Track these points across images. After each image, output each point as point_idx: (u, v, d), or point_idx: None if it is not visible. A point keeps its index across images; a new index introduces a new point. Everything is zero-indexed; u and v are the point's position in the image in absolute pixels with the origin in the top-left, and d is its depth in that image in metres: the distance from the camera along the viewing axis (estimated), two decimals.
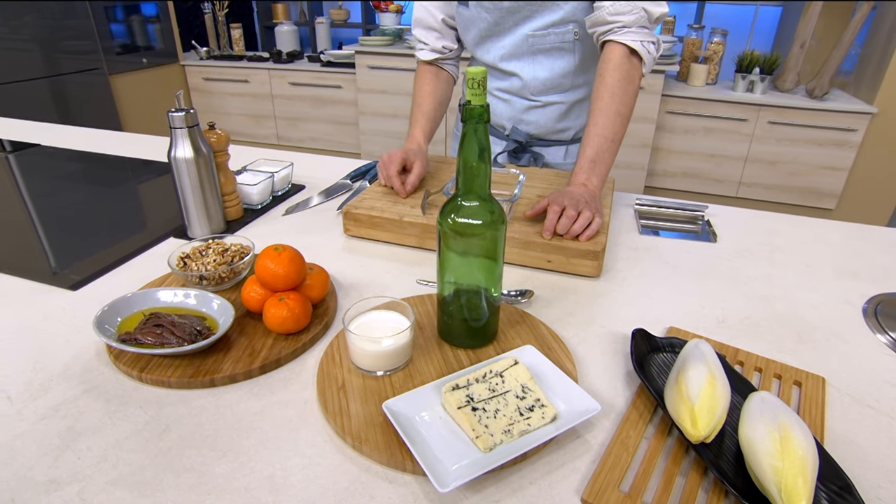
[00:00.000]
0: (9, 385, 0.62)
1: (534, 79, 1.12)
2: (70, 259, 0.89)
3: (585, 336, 0.73)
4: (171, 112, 0.86)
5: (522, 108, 1.17)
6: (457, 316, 0.65)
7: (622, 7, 0.94)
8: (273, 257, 0.66)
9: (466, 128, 0.55)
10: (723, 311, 0.79)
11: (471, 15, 1.09)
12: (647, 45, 0.96)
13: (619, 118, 0.95)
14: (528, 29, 1.06)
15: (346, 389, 0.59)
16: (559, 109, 1.16)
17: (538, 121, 1.17)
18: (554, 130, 1.19)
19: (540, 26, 1.05)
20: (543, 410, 0.56)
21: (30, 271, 0.85)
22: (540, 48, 1.08)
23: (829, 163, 2.70)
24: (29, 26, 2.72)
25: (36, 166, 1.33)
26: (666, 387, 0.59)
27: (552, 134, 1.20)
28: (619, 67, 0.95)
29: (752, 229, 1.04)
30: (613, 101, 0.95)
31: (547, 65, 1.10)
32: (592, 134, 0.94)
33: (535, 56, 1.10)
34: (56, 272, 0.85)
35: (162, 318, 0.67)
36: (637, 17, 0.95)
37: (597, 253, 0.82)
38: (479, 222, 0.59)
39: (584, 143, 0.95)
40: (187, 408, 0.59)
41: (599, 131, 0.94)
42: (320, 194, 1.12)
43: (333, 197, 1.11)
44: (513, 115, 1.19)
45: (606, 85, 0.95)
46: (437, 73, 1.20)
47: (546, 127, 1.18)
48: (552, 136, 1.20)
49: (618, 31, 0.96)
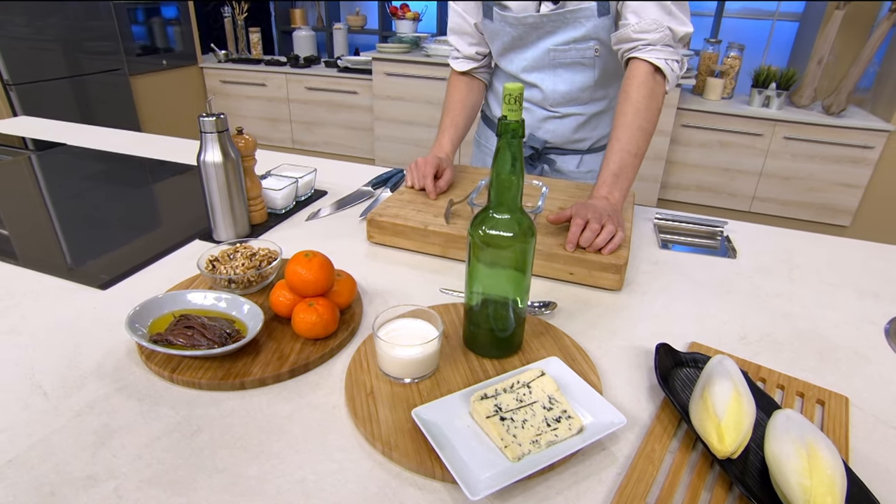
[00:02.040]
0: (45, 380, 0.63)
1: (554, 91, 1.14)
2: (98, 258, 0.91)
3: (608, 349, 0.73)
4: (202, 117, 0.88)
5: (541, 117, 1.19)
6: (483, 326, 0.66)
7: (647, 25, 0.95)
8: (304, 263, 0.67)
9: (501, 142, 0.57)
10: (744, 328, 0.79)
11: (495, 28, 1.12)
12: (670, 63, 0.97)
13: (641, 133, 0.96)
14: (550, 43, 1.08)
15: (375, 396, 0.60)
16: (577, 121, 1.18)
17: (556, 130, 1.19)
18: (571, 140, 1.21)
19: (562, 42, 1.07)
20: (570, 422, 0.57)
21: (60, 269, 0.87)
22: (561, 62, 1.10)
23: (845, 180, 2.69)
24: (53, 27, 2.77)
25: (62, 165, 1.35)
26: (691, 402, 0.60)
27: (569, 143, 1.22)
28: (644, 84, 0.96)
29: (772, 246, 1.04)
30: (637, 116, 0.96)
31: (567, 78, 1.12)
32: (616, 149, 0.95)
33: (555, 69, 1.12)
34: (85, 271, 0.86)
35: (192, 319, 0.68)
36: (661, 36, 0.96)
37: (619, 266, 0.83)
38: (510, 234, 0.60)
39: (608, 156, 0.96)
40: (218, 409, 0.60)
41: (623, 146, 0.95)
42: (342, 200, 1.13)
43: (355, 203, 1.12)
44: (531, 122, 1.21)
45: (631, 101, 0.96)
46: (469, 82, 1.22)
47: (563, 136, 1.20)
48: (568, 145, 1.23)
49: (642, 49, 0.97)
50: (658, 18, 0.95)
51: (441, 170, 1.07)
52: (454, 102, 1.19)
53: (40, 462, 0.53)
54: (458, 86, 1.21)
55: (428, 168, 1.04)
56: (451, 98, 1.20)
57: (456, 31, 1.19)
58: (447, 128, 1.16)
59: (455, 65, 1.22)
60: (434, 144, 1.15)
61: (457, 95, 1.20)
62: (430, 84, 3.18)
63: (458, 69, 1.21)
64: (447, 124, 1.17)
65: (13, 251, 0.93)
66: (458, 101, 1.19)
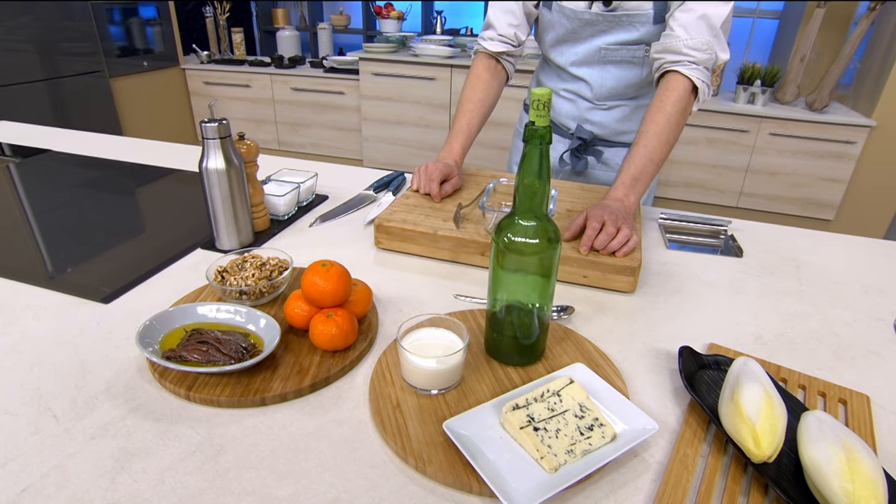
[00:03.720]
0: (53, 402, 0.60)
1: (601, 86, 1.15)
2: (97, 270, 0.88)
3: (628, 352, 0.73)
4: (204, 122, 0.85)
5: (586, 108, 1.20)
6: (507, 333, 0.65)
7: (700, 44, 0.95)
8: (321, 274, 0.65)
9: (528, 148, 0.56)
10: (758, 328, 0.80)
11: (551, 18, 1.12)
12: (704, 84, 0.98)
13: (667, 146, 0.97)
14: (602, 42, 1.09)
15: (402, 408, 0.59)
16: (623, 112, 1.19)
17: (602, 122, 1.20)
18: (617, 132, 1.22)
19: (614, 42, 1.08)
20: (603, 429, 0.56)
21: (59, 283, 0.83)
22: (611, 59, 1.11)
23: (829, 174, 2.75)
24: (26, 27, 2.68)
25: (49, 173, 1.30)
26: (720, 405, 0.60)
27: (615, 136, 1.22)
28: (680, 100, 0.96)
29: (776, 245, 1.05)
30: (667, 129, 0.96)
31: (616, 74, 1.13)
32: (641, 154, 0.95)
33: (605, 66, 1.13)
34: (85, 284, 0.83)
35: (205, 334, 0.66)
36: (708, 58, 0.96)
37: (633, 269, 0.83)
38: (536, 241, 0.59)
39: (630, 160, 0.96)
40: (239, 427, 0.58)
41: (647, 153, 0.95)
42: (346, 205, 1.11)
43: (359, 208, 1.10)
44: (577, 114, 1.21)
45: (665, 112, 0.96)
46: (494, 69, 1.16)
47: (609, 128, 1.21)
48: (615, 137, 1.23)
49: (688, 65, 0.96)
50: (709, 41, 0.95)
51: (449, 176, 1.05)
52: (474, 101, 1.13)
53: (57, 490, 0.50)
54: (483, 77, 1.15)
55: (436, 173, 1.02)
56: (472, 94, 1.14)
57: (502, 7, 1.13)
58: (460, 131, 1.12)
59: (488, 45, 1.15)
60: (444, 147, 1.13)
61: (479, 92, 1.14)
62: (418, 84, 3.16)
63: (490, 49, 1.14)
64: (461, 126, 1.13)
65: (7, 265, 0.89)
66: (477, 101, 1.13)
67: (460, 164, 1.11)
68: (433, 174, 1.02)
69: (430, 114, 3.24)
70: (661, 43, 0.99)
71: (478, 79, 1.15)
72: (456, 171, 1.06)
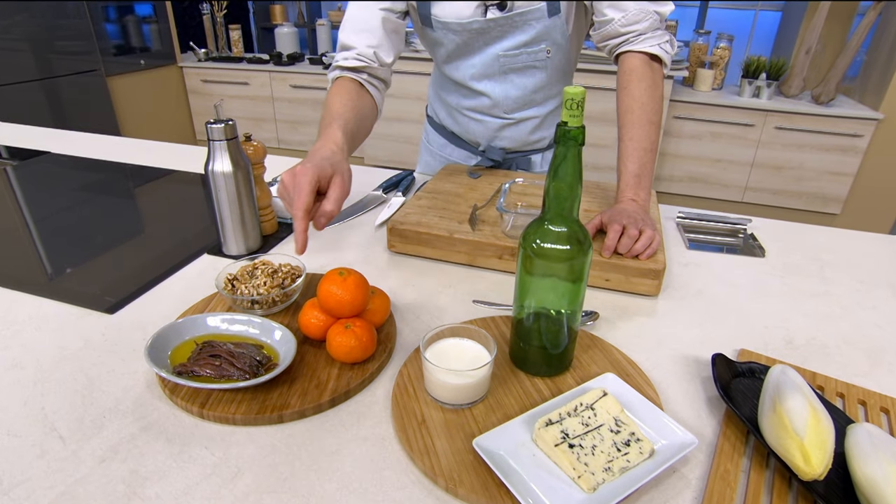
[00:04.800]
0: (59, 422, 0.57)
1: (505, 98, 1.09)
2: (100, 278, 0.85)
3: (657, 359, 0.70)
4: (210, 124, 0.82)
5: (496, 126, 1.14)
6: (534, 343, 0.62)
7: (634, 16, 0.92)
8: (338, 283, 0.62)
9: (560, 150, 0.52)
10: (787, 332, 0.77)
11: (436, 36, 1.03)
12: (664, 47, 0.94)
13: (652, 126, 0.93)
14: (498, 49, 1.02)
15: (428, 425, 0.56)
16: (533, 123, 1.14)
17: (512, 136, 1.15)
18: (528, 143, 1.18)
19: (511, 46, 1.01)
20: (640, 445, 0.53)
21: (60, 292, 0.80)
22: (512, 67, 1.05)
23: (835, 168, 2.72)
24: (21, 26, 2.63)
25: (49, 176, 1.27)
26: (760, 416, 0.57)
27: (527, 146, 1.18)
28: (644, 77, 0.93)
29: (797, 243, 1.02)
30: (644, 111, 0.92)
31: (519, 83, 1.07)
32: (631, 148, 0.92)
33: (506, 75, 1.06)
34: (88, 293, 0.80)
35: (217, 347, 0.63)
36: (651, 23, 0.93)
37: (658, 272, 0.80)
38: (567, 248, 0.56)
39: (624, 157, 0.92)
40: (257, 447, 0.55)
41: (637, 144, 0.92)
42: (355, 207, 1.08)
43: (368, 209, 1.07)
44: (486, 133, 1.16)
45: (633, 96, 0.93)
46: (359, 89, 0.95)
47: (521, 140, 1.17)
48: (527, 147, 1.19)
49: (633, 41, 0.94)
50: (642, 7, 0.92)
51: (324, 181, 0.70)
52: (342, 102, 0.89)
53: None
54: (345, 89, 0.93)
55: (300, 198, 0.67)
56: (337, 99, 0.90)
57: (353, 25, 0.96)
58: (334, 119, 0.84)
59: (343, 62, 0.95)
60: (319, 139, 0.81)
61: (345, 96, 0.91)
62: (419, 80, 3.12)
63: (347, 65, 0.95)
64: (334, 116, 0.85)
65: (6, 273, 0.86)
66: (345, 103, 0.89)
67: (346, 150, 0.80)
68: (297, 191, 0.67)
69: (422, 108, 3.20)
70: (598, 32, 0.97)
71: (340, 88, 0.93)
72: (336, 168, 0.71)
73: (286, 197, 0.71)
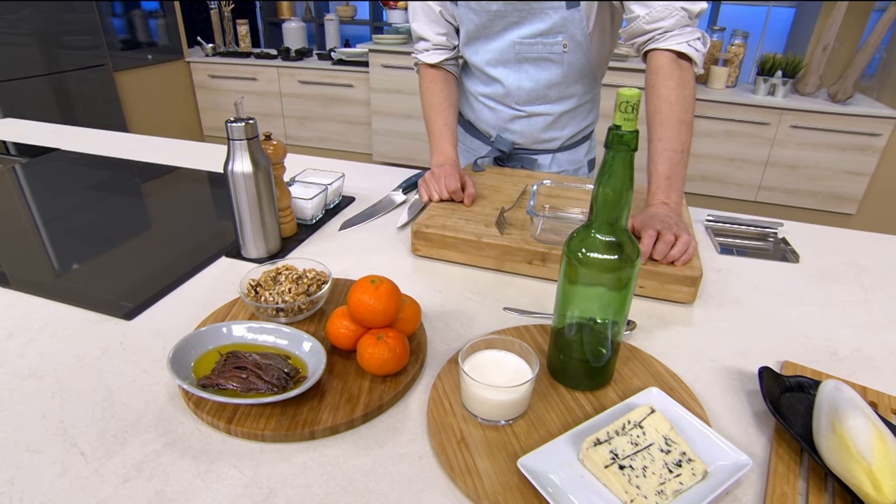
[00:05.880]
0: (79, 437, 0.55)
1: (518, 88, 1.08)
2: (115, 282, 0.82)
3: (699, 372, 0.67)
4: (230, 122, 0.79)
5: (507, 117, 1.13)
6: (575, 355, 0.59)
7: (659, 13, 0.89)
8: (371, 292, 0.59)
9: (611, 154, 0.49)
10: (830, 343, 0.74)
11: (459, 13, 1.05)
12: (693, 45, 0.91)
13: (683, 126, 0.90)
14: (515, 35, 1.01)
15: (468, 443, 0.53)
16: (545, 121, 1.12)
17: (523, 130, 1.14)
18: (539, 140, 1.16)
19: (528, 34, 1.00)
20: (692, 466, 0.50)
21: (77, 297, 0.77)
22: (527, 57, 1.04)
23: (851, 167, 2.68)
24: (28, 21, 2.60)
25: (59, 174, 1.24)
26: (817, 436, 0.54)
27: (537, 143, 1.16)
28: (671, 75, 0.90)
29: (830, 248, 0.99)
30: (673, 110, 0.89)
31: (533, 74, 1.06)
32: (660, 149, 0.89)
33: (520, 64, 1.05)
34: (104, 298, 0.77)
35: (242, 358, 0.60)
36: (677, 20, 0.90)
37: (695, 279, 0.77)
38: (615, 258, 0.53)
39: (654, 159, 0.89)
40: (288, 466, 0.52)
41: (667, 144, 0.89)
42: (374, 208, 1.05)
43: (388, 211, 1.04)
44: (497, 123, 1.15)
45: (661, 96, 0.90)
46: (445, 77, 1.12)
47: (531, 137, 1.15)
48: (537, 145, 1.17)
49: (659, 39, 0.91)
50: (667, 3, 0.89)
51: (464, 180, 0.97)
52: (439, 102, 1.09)
53: None
54: (437, 82, 1.11)
55: (451, 181, 0.95)
56: (434, 97, 1.09)
57: (422, 18, 1.10)
58: (443, 131, 1.06)
59: (425, 57, 1.11)
60: (434, 153, 1.05)
61: (440, 94, 1.10)
62: None
63: (430, 61, 1.11)
64: (441, 127, 1.06)
65: (17, 276, 0.83)
66: (443, 100, 1.09)
67: (459, 163, 1.04)
68: (447, 181, 0.95)
69: None
70: (626, 29, 0.95)
71: (432, 83, 1.11)
72: (465, 176, 0.99)
73: (431, 183, 0.97)
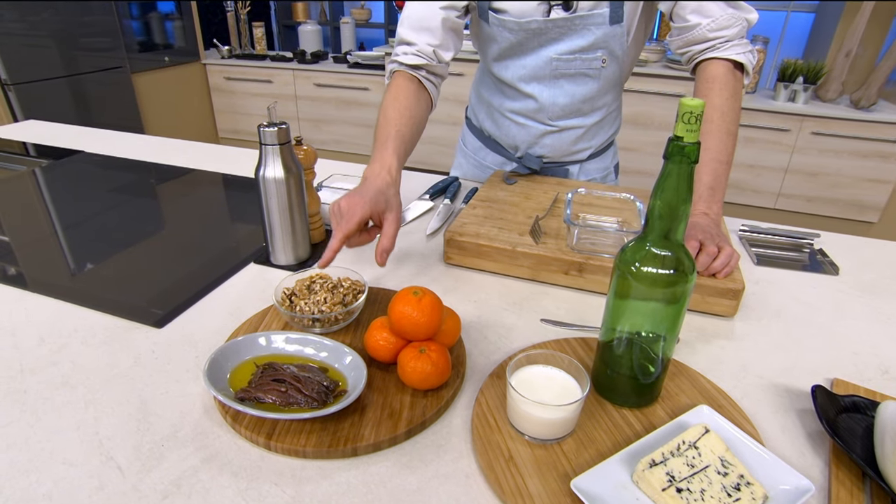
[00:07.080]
0: (115, 450, 0.53)
1: (553, 104, 1.04)
2: (145, 289, 0.81)
3: (746, 388, 0.65)
4: (263, 127, 0.78)
5: (538, 132, 1.09)
6: (623, 371, 0.57)
7: (725, 21, 0.88)
8: (413, 304, 0.58)
9: (671, 167, 0.48)
10: (880, 360, 0.71)
11: (490, 32, 0.99)
12: (748, 56, 0.90)
13: (730, 138, 0.89)
14: (553, 52, 0.97)
15: (517, 462, 0.51)
16: (576, 133, 1.09)
17: (553, 144, 1.10)
18: (569, 153, 1.12)
19: (566, 50, 0.97)
20: (752, 489, 0.48)
21: (106, 304, 0.76)
22: (564, 73, 1.00)
23: (874, 175, 2.64)
24: (47, 22, 2.62)
25: (82, 176, 1.24)
26: (882, 460, 0.52)
27: (566, 156, 1.13)
28: (727, 85, 0.88)
29: (868, 260, 0.96)
30: (724, 121, 0.88)
31: (569, 90, 1.02)
32: (707, 159, 0.87)
33: (556, 80, 1.01)
34: (134, 304, 0.76)
35: (280, 370, 0.59)
36: (740, 29, 0.89)
37: (737, 291, 0.75)
38: (671, 272, 0.51)
39: (699, 168, 0.87)
40: (331, 484, 0.50)
41: (713, 155, 0.87)
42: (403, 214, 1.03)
43: (417, 217, 1.03)
44: (527, 139, 1.10)
45: (714, 105, 0.88)
46: (417, 89, 0.94)
47: (561, 150, 1.11)
48: (565, 157, 1.13)
49: (720, 48, 0.90)
50: (733, 13, 0.88)
51: (378, 215, 0.75)
52: (400, 109, 0.89)
53: None
54: (403, 90, 0.92)
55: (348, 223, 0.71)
56: (395, 104, 0.90)
57: (414, 22, 0.95)
58: (389, 137, 0.85)
59: (404, 58, 0.95)
60: (372, 161, 0.83)
61: (403, 101, 0.90)
62: (453, 81, 3.07)
63: (408, 62, 0.94)
64: (389, 133, 0.86)
65: (46, 281, 0.82)
66: (405, 108, 0.90)
67: (398, 179, 0.80)
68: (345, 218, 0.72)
69: (458, 111, 3.15)
70: (681, 37, 0.92)
71: (398, 91, 0.92)
72: (389, 202, 0.76)
73: (336, 218, 0.74)
